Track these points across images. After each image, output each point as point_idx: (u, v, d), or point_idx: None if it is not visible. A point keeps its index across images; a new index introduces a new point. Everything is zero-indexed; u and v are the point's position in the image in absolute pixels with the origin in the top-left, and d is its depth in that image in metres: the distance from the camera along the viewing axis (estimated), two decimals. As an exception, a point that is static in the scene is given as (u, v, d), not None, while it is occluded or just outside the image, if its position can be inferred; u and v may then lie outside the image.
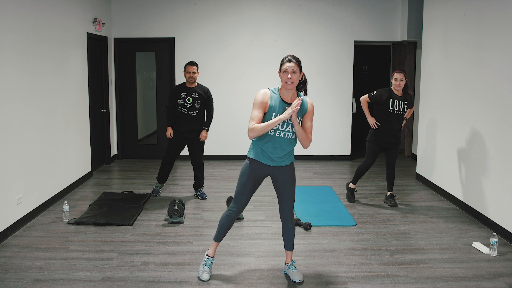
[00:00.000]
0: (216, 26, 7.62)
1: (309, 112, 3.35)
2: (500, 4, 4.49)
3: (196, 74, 5.41)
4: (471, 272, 3.67)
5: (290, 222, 3.50)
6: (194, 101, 5.42)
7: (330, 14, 7.63)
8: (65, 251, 4.05)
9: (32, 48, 4.87)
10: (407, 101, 5.17)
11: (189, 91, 5.45)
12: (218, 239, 3.58)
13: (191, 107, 5.43)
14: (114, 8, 7.55)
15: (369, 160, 5.34)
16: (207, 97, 5.51)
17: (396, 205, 5.37)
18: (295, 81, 3.24)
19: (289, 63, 3.23)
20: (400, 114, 5.17)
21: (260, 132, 3.22)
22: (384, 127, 5.21)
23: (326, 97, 7.78)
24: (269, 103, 3.27)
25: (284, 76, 3.24)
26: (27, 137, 4.75)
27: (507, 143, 4.33)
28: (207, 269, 3.55)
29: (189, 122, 5.47)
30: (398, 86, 5.09)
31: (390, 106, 5.14)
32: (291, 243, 3.57)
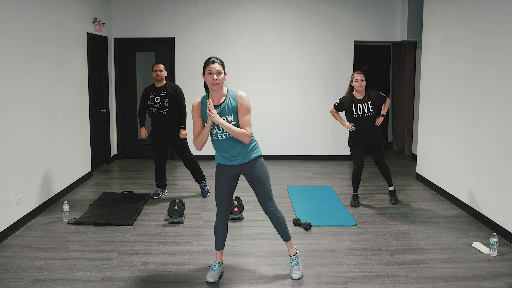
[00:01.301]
0: (216, 26, 7.62)
1: (241, 107, 3.33)
2: (500, 4, 4.49)
3: (162, 73, 5.47)
4: (471, 272, 3.67)
5: (274, 213, 3.49)
6: (162, 99, 5.47)
7: (330, 14, 7.63)
8: (65, 251, 4.05)
9: (32, 48, 4.87)
10: (371, 100, 5.17)
11: (157, 91, 5.50)
12: (218, 247, 3.61)
13: (160, 106, 5.47)
14: (114, 8, 7.56)
15: (356, 165, 5.35)
16: (176, 94, 5.53)
17: (397, 203, 5.38)
18: (221, 82, 3.27)
19: (213, 64, 3.27)
20: (367, 116, 5.19)
21: (201, 142, 3.36)
22: (357, 130, 5.26)
23: (326, 96, 7.78)
24: (200, 110, 3.37)
25: (209, 78, 3.26)
26: (27, 137, 4.75)
27: (507, 143, 4.33)
28: (214, 272, 3.54)
29: (161, 121, 5.52)
30: (359, 86, 5.10)
31: (354, 111, 5.18)
32: (285, 232, 3.57)
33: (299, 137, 7.88)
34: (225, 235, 3.60)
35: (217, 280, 3.52)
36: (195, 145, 3.39)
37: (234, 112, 3.33)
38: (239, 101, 3.32)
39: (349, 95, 5.24)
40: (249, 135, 3.33)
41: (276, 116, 7.80)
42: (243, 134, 3.30)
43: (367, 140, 5.26)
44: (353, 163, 5.41)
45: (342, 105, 5.25)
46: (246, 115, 3.33)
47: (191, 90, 7.71)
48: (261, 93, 7.73)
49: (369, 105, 5.15)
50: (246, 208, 5.15)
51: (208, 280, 3.50)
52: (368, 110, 5.15)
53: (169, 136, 5.56)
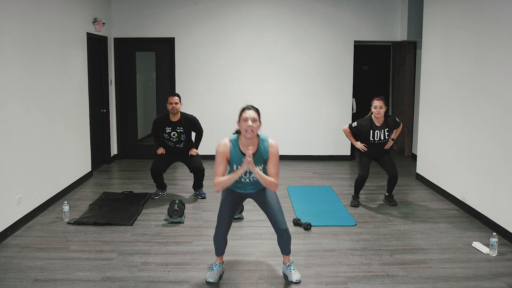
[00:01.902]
0: (216, 26, 7.62)
1: (272, 156, 3.37)
2: (500, 4, 4.49)
3: (178, 105, 5.35)
4: (471, 272, 3.67)
5: (285, 233, 3.49)
6: (180, 135, 5.41)
7: (330, 14, 7.63)
8: (65, 251, 4.05)
9: (32, 48, 4.87)
10: (388, 128, 5.17)
11: (173, 126, 5.38)
12: (219, 254, 3.62)
13: (177, 141, 5.44)
14: (114, 8, 7.55)
15: (362, 172, 5.31)
16: (196, 127, 5.52)
17: (396, 205, 5.37)
18: (255, 130, 3.29)
19: (249, 110, 3.30)
20: (382, 142, 5.21)
21: (225, 185, 3.34)
22: (368, 152, 5.28)
23: (326, 97, 7.78)
24: (229, 155, 3.36)
25: (244, 124, 3.27)
26: (27, 137, 4.75)
27: (507, 143, 4.33)
28: (214, 272, 3.55)
29: (177, 152, 5.52)
30: (378, 113, 5.09)
31: (371, 137, 5.18)
32: (287, 249, 3.58)
33: (299, 137, 7.88)
34: (226, 244, 3.61)
35: (217, 280, 3.52)
36: (216, 187, 3.33)
37: (264, 162, 3.39)
38: (270, 151, 3.37)
39: (368, 119, 5.20)
40: (277, 185, 3.38)
41: (276, 116, 7.80)
42: (273, 183, 3.34)
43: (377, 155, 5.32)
44: (359, 169, 5.36)
45: (359, 129, 5.22)
46: (276, 164, 3.39)
47: (191, 90, 7.72)
48: (261, 93, 7.73)
49: (386, 132, 5.16)
50: (246, 208, 5.15)
51: (208, 280, 3.50)
52: (384, 137, 5.18)
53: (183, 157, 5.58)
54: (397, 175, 5.34)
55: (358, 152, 5.36)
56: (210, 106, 7.75)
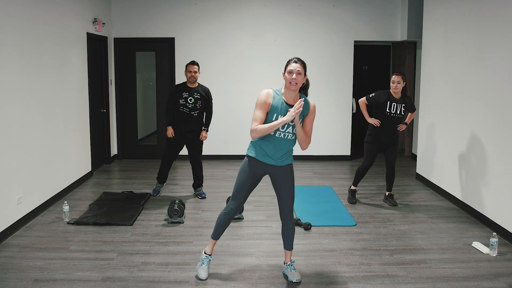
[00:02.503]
0: (216, 26, 7.62)
1: (311, 114, 3.36)
2: (500, 4, 4.49)
3: (197, 74, 5.40)
4: (471, 272, 3.67)
5: (290, 221, 3.50)
6: (196, 101, 5.42)
7: (330, 14, 7.63)
8: (65, 251, 4.05)
9: (32, 48, 4.87)
10: (405, 104, 5.18)
11: (190, 91, 5.43)
12: (216, 237, 3.59)
13: (193, 107, 5.43)
14: (114, 8, 7.55)
15: (367, 161, 5.35)
16: (208, 98, 5.52)
17: (396, 205, 5.37)
18: (299, 82, 3.26)
19: (295, 64, 3.26)
20: (397, 117, 5.19)
21: (263, 133, 3.25)
22: (380, 128, 5.24)
23: (326, 97, 7.78)
24: (271, 103, 3.30)
25: (289, 76, 3.26)
26: (27, 137, 4.75)
27: (507, 143, 4.33)
28: (205, 267, 3.56)
29: (190, 121, 5.47)
30: (395, 88, 5.10)
31: (387, 108, 5.16)
32: (290, 242, 3.57)
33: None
34: (227, 226, 3.57)
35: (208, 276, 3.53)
36: (254, 133, 3.27)
37: (303, 117, 3.35)
38: (312, 109, 3.35)
39: (387, 91, 5.22)
40: (310, 142, 3.38)
41: (276, 116, 7.79)
42: (308, 139, 3.34)
43: (386, 139, 5.27)
44: (364, 158, 5.38)
45: (376, 99, 5.20)
46: (311, 123, 3.37)
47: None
48: (261, 93, 7.72)
49: (403, 107, 5.17)
50: (246, 208, 5.15)
51: (200, 277, 3.51)
52: (400, 112, 5.17)
53: (193, 137, 5.53)
54: (394, 169, 5.39)
55: (369, 141, 5.33)
56: (210, 106, 7.75)
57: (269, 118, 3.29)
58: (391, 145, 5.32)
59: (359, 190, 5.93)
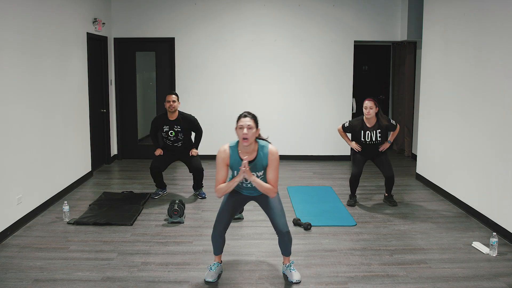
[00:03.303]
0: (216, 26, 7.62)
1: (271, 163, 3.35)
2: (500, 4, 4.49)
3: (176, 104, 5.35)
4: (471, 272, 3.67)
5: (286, 235, 3.48)
6: (177, 134, 5.41)
7: (330, 14, 7.63)
8: (65, 251, 4.05)
9: (32, 48, 4.87)
10: (380, 129, 5.16)
11: (170, 125, 5.39)
12: (217, 253, 3.63)
13: (175, 140, 5.45)
14: (114, 8, 7.55)
15: (355, 169, 5.34)
16: (194, 127, 5.50)
17: (396, 204, 5.37)
18: (251, 137, 3.28)
19: (245, 118, 3.28)
20: (374, 144, 5.20)
21: (225, 192, 3.36)
22: (361, 152, 5.29)
23: (326, 97, 7.78)
24: (229, 162, 3.37)
25: (240, 132, 3.28)
26: (27, 137, 4.75)
27: (507, 143, 4.33)
28: (212, 271, 3.55)
29: (175, 151, 5.53)
30: (368, 114, 5.09)
31: (362, 137, 5.19)
32: (288, 251, 3.58)
33: (299, 137, 7.88)
34: (224, 243, 3.61)
35: (216, 279, 3.52)
36: (217, 193, 3.37)
37: (264, 168, 3.38)
38: (270, 158, 3.34)
39: (360, 120, 5.21)
40: (276, 192, 3.38)
41: (276, 116, 7.80)
42: (271, 190, 3.36)
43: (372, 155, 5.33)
44: (352, 167, 5.41)
45: (351, 129, 5.25)
46: (275, 171, 3.36)
47: (191, 90, 7.72)
48: (261, 93, 7.73)
49: (378, 133, 5.15)
50: (246, 208, 5.14)
51: (207, 280, 3.50)
52: (375, 139, 5.17)
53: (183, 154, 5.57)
54: (393, 176, 5.34)
55: (353, 151, 5.40)
56: (210, 106, 7.75)
57: (232, 173, 3.40)
58: (379, 154, 5.32)
59: (358, 190, 5.93)
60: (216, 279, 3.52)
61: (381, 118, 5.18)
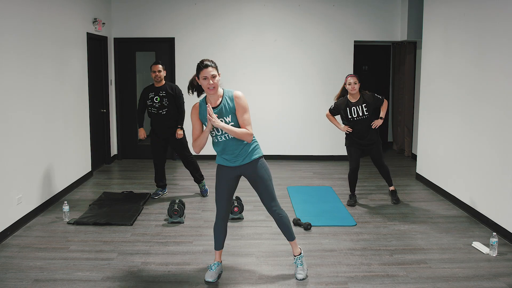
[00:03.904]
0: (216, 26, 7.62)
1: (238, 106, 3.30)
2: (500, 4, 4.49)
3: (161, 73, 5.48)
4: (471, 272, 3.67)
5: (278, 213, 3.49)
6: (162, 99, 5.47)
7: (330, 14, 7.63)
8: (65, 251, 4.05)
9: (32, 48, 4.87)
10: (366, 103, 5.16)
11: (156, 91, 5.51)
12: (218, 247, 3.61)
13: (160, 106, 5.48)
14: (114, 8, 7.56)
15: (352, 164, 5.35)
16: (176, 94, 5.53)
17: (399, 202, 5.38)
18: (216, 85, 3.26)
19: (207, 68, 3.23)
20: (363, 119, 5.19)
21: (200, 145, 3.36)
22: (353, 132, 5.27)
23: (326, 97, 7.78)
24: (198, 113, 3.37)
25: (205, 83, 3.24)
26: (27, 137, 4.75)
27: (507, 143, 4.33)
28: (211, 271, 3.55)
29: (160, 121, 5.53)
30: (352, 89, 5.09)
31: (349, 114, 5.18)
32: (289, 232, 3.56)
33: (299, 137, 7.88)
34: (225, 235, 3.60)
35: (216, 279, 3.52)
36: (194, 148, 3.40)
37: (232, 113, 3.32)
38: (236, 101, 3.30)
39: (344, 98, 5.24)
40: (251, 134, 3.32)
41: (276, 116, 7.80)
42: (245, 134, 3.29)
43: (363, 140, 5.27)
44: (349, 162, 5.41)
45: (337, 108, 5.27)
46: (245, 114, 3.31)
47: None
48: (261, 93, 7.73)
49: (363, 108, 5.15)
50: (246, 208, 5.15)
51: (207, 280, 3.50)
52: (362, 113, 5.15)
53: (168, 136, 5.57)
54: (385, 165, 5.40)
55: (347, 144, 5.37)
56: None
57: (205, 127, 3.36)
58: (372, 145, 5.31)
59: (358, 190, 5.93)
60: (216, 279, 3.52)
61: (364, 93, 5.21)
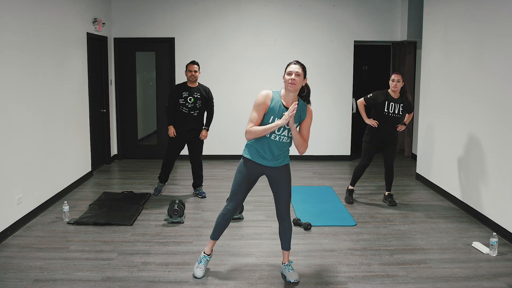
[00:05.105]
0: (216, 26, 7.62)
1: (308, 118, 3.35)
2: (500, 4, 4.49)
3: (197, 73, 5.40)
4: (471, 272, 3.67)
5: (287, 222, 3.50)
6: (196, 101, 5.41)
7: (330, 14, 7.63)
8: (65, 251, 4.05)
9: (32, 48, 4.87)
10: (403, 104, 5.17)
11: (190, 91, 5.43)
12: (215, 237, 3.60)
13: (192, 107, 5.43)
14: (114, 8, 7.55)
15: (364, 160, 5.36)
16: (208, 98, 5.51)
17: (395, 204, 5.37)
18: (298, 84, 3.25)
19: (295, 65, 3.27)
20: (395, 117, 5.18)
21: (257, 135, 3.27)
22: (379, 128, 5.23)
23: (326, 97, 7.78)
24: (269, 105, 3.29)
25: (288, 77, 3.25)
26: (27, 137, 4.75)
27: (507, 143, 4.33)
28: (201, 266, 3.57)
29: (189, 121, 5.47)
30: (394, 87, 5.10)
31: (385, 108, 5.16)
32: (288, 243, 3.57)
33: (299, 137, 7.86)
34: (226, 227, 3.58)
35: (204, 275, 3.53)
36: (248, 135, 3.29)
37: (299, 121, 3.35)
38: (309, 114, 3.35)
39: (385, 91, 5.22)
40: (307, 147, 3.36)
41: (276, 116, 7.79)
42: (305, 145, 3.33)
43: (385, 139, 5.27)
44: (362, 157, 5.39)
45: (374, 99, 5.20)
46: (309, 127, 3.36)
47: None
48: (261, 93, 7.72)
49: (401, 107, 5.16)
50: (246, 208, 5.15)
51: (196, 275, 3.51)
52: (398, 111, 5.16)
53: (193, 136, 5.53)
54: (393, 169, 5.38)
55: (367, 140, 5.34)
56: (210, 106, 7.76)
57: (265, 120, 3.29)
58: (389, 145, 5.31)
59: (358, 190, 5.94)
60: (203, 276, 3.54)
61: (405, 95, 5.22)
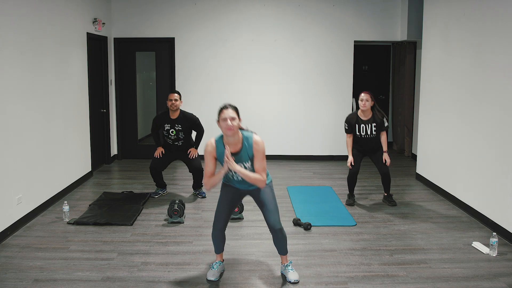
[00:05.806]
0: (216, 26, 7.62)
1: (256, 153, 3.32)
2: (500, 4, 4.49)
3: (178, 102, 5.36)
4: (471, 272, 3.67)
5: (279, 232, 3.47)
6: (178, 133, 5.42)
7: (330, 14, 7.63)
8: (65, 251, 4.05)
9: (32, 48, 4.87)
10: (375, 123, 5.14)
11: (172, 123, 5.40)
12: (218, 252, 3.63)
13: (175, 139, 5.46)
14: (114, 8, 7.56)
15: (352, 168, 5.33)
16: (191, 125, 5.49)
17: (395, 204, 5.37)
18: (235, 128, 3.27)
19: (227, 110, 3.28)
20: (370, 138, 5.18)
21: (213, 184, 3.38)
22: (362, 145, 5.26)
23: (326, 97, 7.78)
24: (215, 154, 3.38)
25: (224, 124, 3.27)
26: (27, 137, 4.75)
27: (507, 143, 4.33)
28: (213, 270, 3.57)
29: (175, 150, 5.55)
30: (363, 106, 5.08)
31: (357, 131, 5.17)
32: (283, 249, 3.56)
33: (299, 137, 7.88)
34: (224, 241, 3.61)
35: (218, 278, 3.52)
36: (206, 186, 3.40)
37: (250, 159, 3.36)
38: (255, 148, 3.33)
39: (354, 113, 5.23)
40: (265, 180, 3.35)
41: (276, 116, 7.80)
42: (259, 180, 3.32)
43: (369, 150, 5.31)
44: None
45: (350, 125, 5.21)
46: (262, 160, 3.34)
47: (191, 89, 7.72)
48: (261, 93, 7.73)
49: (373, 127, 5.14)
50: (246, 208, 5.15)
51: (209, 278, 3.51)
52: (371, 132, 5.15)
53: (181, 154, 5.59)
54: (389, 173, 5.34)
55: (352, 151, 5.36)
56: (210, 106, 7.73)
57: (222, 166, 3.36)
58: (377, 150, 5.30)
59: (358, 190, 5.94)
60: (218, 278, 3.53)
61: (377, 112, 5.17)
